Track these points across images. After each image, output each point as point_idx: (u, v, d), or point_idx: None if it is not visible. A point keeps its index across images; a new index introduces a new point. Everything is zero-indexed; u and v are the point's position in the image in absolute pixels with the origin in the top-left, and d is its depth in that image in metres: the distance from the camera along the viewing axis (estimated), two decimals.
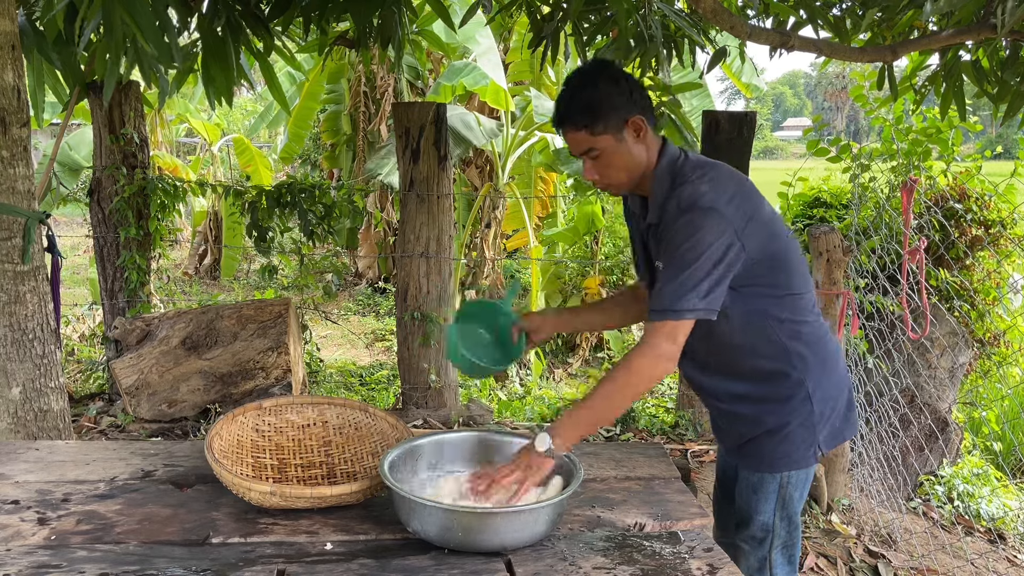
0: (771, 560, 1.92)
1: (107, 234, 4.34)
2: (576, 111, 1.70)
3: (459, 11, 5.73)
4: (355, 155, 8.86)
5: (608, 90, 1.69)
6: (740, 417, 1.88)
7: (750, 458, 1.88)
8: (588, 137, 1.70)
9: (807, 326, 1.82)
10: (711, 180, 1.69)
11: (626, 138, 1.71)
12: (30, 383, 2.89)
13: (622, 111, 1.70)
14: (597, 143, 1.70)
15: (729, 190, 1.68)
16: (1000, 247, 4.62)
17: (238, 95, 16.57)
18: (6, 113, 2.70)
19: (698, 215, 1.63)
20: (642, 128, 1.72)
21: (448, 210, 4.22)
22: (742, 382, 1.84)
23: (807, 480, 1.89)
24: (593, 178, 1.77)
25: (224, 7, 3.01)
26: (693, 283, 1.62)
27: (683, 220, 1.64)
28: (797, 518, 1.92)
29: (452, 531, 1.49)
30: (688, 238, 1.62)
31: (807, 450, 1.83)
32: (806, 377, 1.80)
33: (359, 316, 8.62)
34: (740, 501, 1.93)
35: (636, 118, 1.71)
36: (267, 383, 3.95)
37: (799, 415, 1.80)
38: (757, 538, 1.91)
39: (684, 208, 1.65)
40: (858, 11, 2.91)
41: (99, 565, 1.46)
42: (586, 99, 1.69)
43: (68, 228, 11.56)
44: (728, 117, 3.92)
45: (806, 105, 72.94)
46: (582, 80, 1.72)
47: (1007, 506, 3.59)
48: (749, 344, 1.79)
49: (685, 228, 1.64)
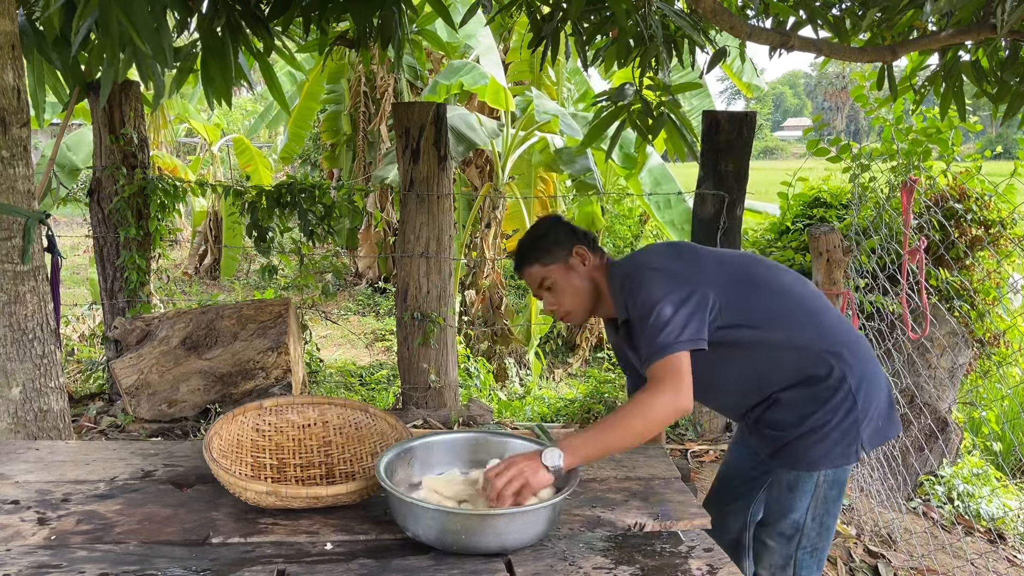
0: (797, 560, 1.92)
1: (107, 234, 4.34)
2: (530, 251, 1.99)
3: (460, 10, 5.74)
4: (355, 155, 8.86)
5: (554, 230, 2.00)
6: (780, 424, 1.87)
7: (787, 457, 1.88)
8: (541, 269, 1.97)
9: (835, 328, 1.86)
10: (643, 254, 1.94)
11: (573, 266, 1.96)
12: (30, 383, 2.88)
13: (567, 243, 1.97)
14: (549, 273, 1.96)
15: (656, 251, 1.94)
16: (1000, 247, 4.62)
17: (238, 95, 16.58)
18: (6, 113, 2.70)
19: (643, 275, 1.82)
20: (586, 255, 1.97)
21: (448, 210, 4.22)
22: (780, 396, 1.85)
23: (844, 481, 1.89)
24: (552, 308, 2.00)
25: (224, 7, 3.01)
26: (663, 321, 1.71)
27: (633, 285, 1.81)
28: (830, 520, 1.91)
29: (452, 534, 1.49)
30: (639, 298, 1.78)
31: (848, 447, 1.83)
32: (847, 373, 1.81)
33: (359, 316, 8.62)
34: (772, 497, 1.94)
35: (579, 247, 1.97)
36: (267, 383, 3.95)
37: (841, 412, 1.80)
38: (786, 535, 1.91)
39: (628, 281, 1.84)
40: (858, 11, 2.91)
41: (99, 565, 1.46)
42: (536, 240, 2.00)
43: (68, 228, 11.56)
44: (728, 117, 3.92)
45: (806, 105, 72.94)
46: (533, 228, 2.06)
47: (1007, 506, 3.59)
48: (785, 367, 1.84)
49: (637, 289, 1.80)
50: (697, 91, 6.77)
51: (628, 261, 1.95)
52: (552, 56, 3.23)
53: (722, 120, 3.91)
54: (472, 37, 6.30)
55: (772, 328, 1.82)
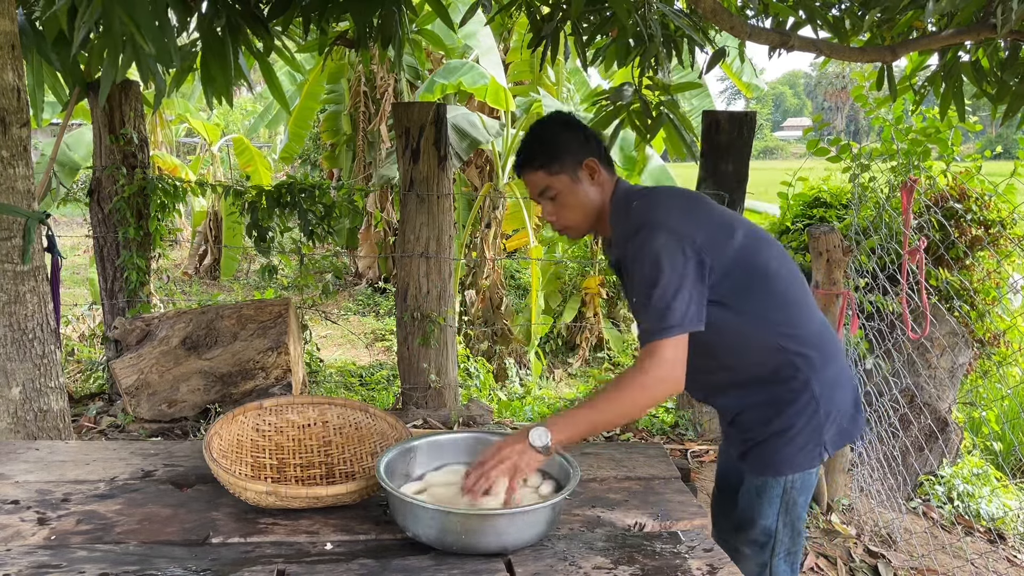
0: (772, 566, 1.91)
1: (107, 234, 4.34)
2: (535, 153, 1.80)
3: (460, 10, 5.74)
4: (355, 155, 8.86)
5: (565, 134, 1.81)
6: (748, 423, 1.87)
7: (754, 462, 1.87)
8: (545, 177, 1.80)
9: (807, 326, 1.82)
10: (653, 201, 1.79)
11: (581, 179, 1.81)
12: (30, 383, 2.89)
13: (578, 154, 1.80)
14: (553, 183, 1.80)
15: (674, 205, 1.77)
16: (1000, 247, 4.62)
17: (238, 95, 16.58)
18: (6, 113, 2.70)
19: (647, 234, 1.70)
20: (596, 170, 1.81)
21: (448, 210, 4.22)
22: (748, 391, 1.84)
23: (812, 484, 1.88)
24: (551, 219, 1.86)
25: (224, 7, 3.01)
26: (667, 300, 1.64)
27: (636, 243, 1.71)
28: (800, 524, 1.91)
29: (452, 534, 1.49)
30: (646, 260, 1.68)
31: (812, 450, 1.82)
32: (811, 377, 1.79)
33: (359, 316, 8.62)
34: (743, 505, 1.92)
35: (590, 160, 1.80)
36: (267, 383, 3.95)
37: (805, 416, 1.80)
38: (759, 543, 1.90)
39: (633, 232, 1.72)
40: (858, 11, 2.91)
41: (99, 565, 1.46)
42: (544, 142, 1.80)
43: (68, 228, 11.56)
44: (728, 117, 3.92)
45: (806, 105, 72.91)
46: (540, 126, 1.83)
47: (1007, 506, 3.59)
48: (750, 355, 1.80)
49: (640, 251, 1.70)
50: (697, 91, 6.77)
51: (641, 199, 1.79)
52: (552, 56, 3.24)
53: (722, 120, 3.91)
54: (472, 37, 6.30)
55: (754, 319, 1.77)
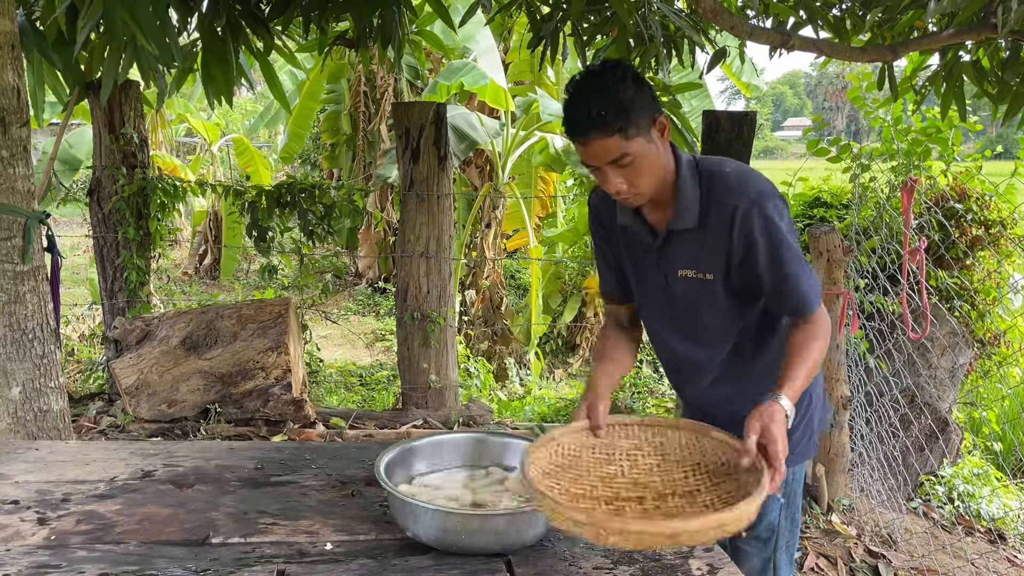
0: (776, 561, 1.91)
1: (107, 234, 4.34)
2: (609, 115, 1.49)
3: (460, 10, 5.73)
4: (355, 155, 8.86)
5: (637, 90, 1.52)
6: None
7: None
8: (621, 142, 1.50)
9: None
10: (747, 169, 1.67)
11: (655, 139, 1.57)
12: (30, 383, 2.88)
13: (651, 110, 1.55)
14: (631, 148, 1.51)
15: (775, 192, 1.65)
16: (1000, 247, 4.62)
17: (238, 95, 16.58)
18: (6, 113, 2.70)
19: (779, 205, 1.60)
20: (667, 126, 1.59)
21: (448, 210, 4.22)
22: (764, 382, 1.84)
23: (804, 474, 1.93)
24: (620, 188, 1.56)
25: (224, 7, 3.01)
26: (808, 275, 1.63)
27: (766, 211, 1.57)
28: (798, 515, 1.93)
29: (452, 534, 1.49)
30: (782, 231, 1.59)
31: (808, 442, 1.85)
32: None
33: (359, 316, 8.62)
34: None
35: (662, 117, 1.57)
36: (267, 383, 3.95)
37: (803, 407, 1.81)
38: (763, 538, 1.90)
39: (754, 201, 1.58)
40: (859, 11, 2.91)
41: (99, 565, 1.46)
42: (618, 101, 1.49)
43: (68, 228, 11.55)
44: (728, 117, 3.92)
45: (806, 105, 72.92)
46: (607, 82, 1.51)
47: (1007, 506, 3.59)
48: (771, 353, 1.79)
49: (772, 222, 1.57)
50: (697, 91, 6.76)
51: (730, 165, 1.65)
52: (551, 56, 3.23)
53: (722, 120, 3.91)
54: (472, 38, 6.30)
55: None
